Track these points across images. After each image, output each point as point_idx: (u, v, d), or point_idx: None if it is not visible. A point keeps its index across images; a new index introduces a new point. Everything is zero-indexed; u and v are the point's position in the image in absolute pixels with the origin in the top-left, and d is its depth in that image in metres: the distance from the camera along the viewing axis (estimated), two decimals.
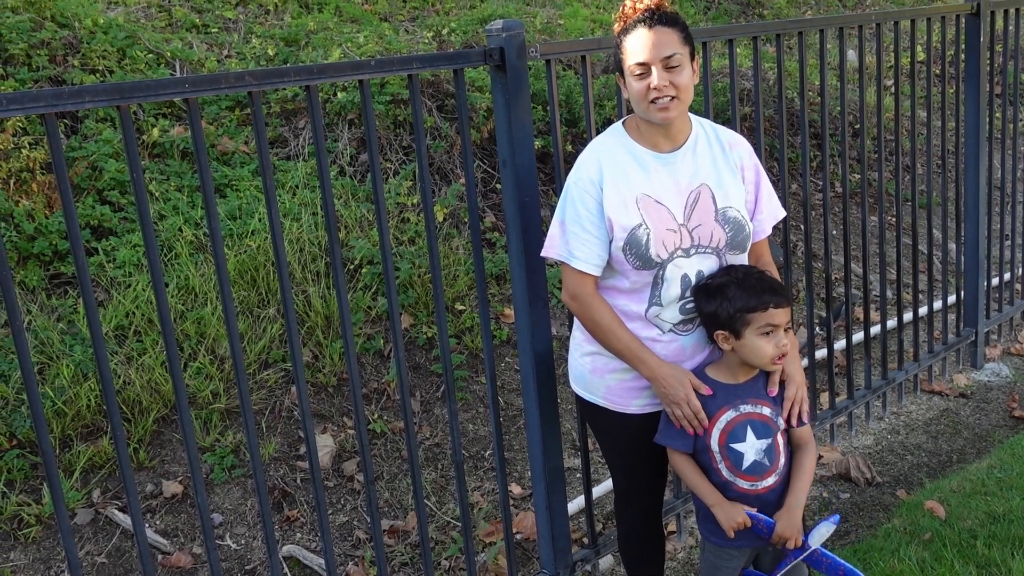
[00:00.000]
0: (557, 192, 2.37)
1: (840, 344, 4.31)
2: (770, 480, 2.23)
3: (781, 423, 2.24)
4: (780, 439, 2.25)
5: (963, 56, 4.26)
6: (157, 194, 4.15)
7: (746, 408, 2.21)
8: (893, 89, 3.84)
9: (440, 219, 4.46)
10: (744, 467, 2.22)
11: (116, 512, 3.06)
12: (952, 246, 5.37)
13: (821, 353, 4.21)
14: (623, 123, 2.29)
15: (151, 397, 3.34)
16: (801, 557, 2.25)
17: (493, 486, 3.44)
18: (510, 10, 6.76)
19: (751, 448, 2.21)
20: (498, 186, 4.67)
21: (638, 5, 2.17)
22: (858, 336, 4.43)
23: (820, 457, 3.68)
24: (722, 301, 2.14)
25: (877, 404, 3.99)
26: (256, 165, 4.49)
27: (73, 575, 2.02)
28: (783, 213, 2.38)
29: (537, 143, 4.82)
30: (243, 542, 3.11)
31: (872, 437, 3.88)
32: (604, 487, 3.33)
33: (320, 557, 3.00)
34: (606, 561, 3.01)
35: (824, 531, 2.23)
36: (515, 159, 2.47)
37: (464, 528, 2.62)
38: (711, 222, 2.22)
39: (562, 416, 3.76)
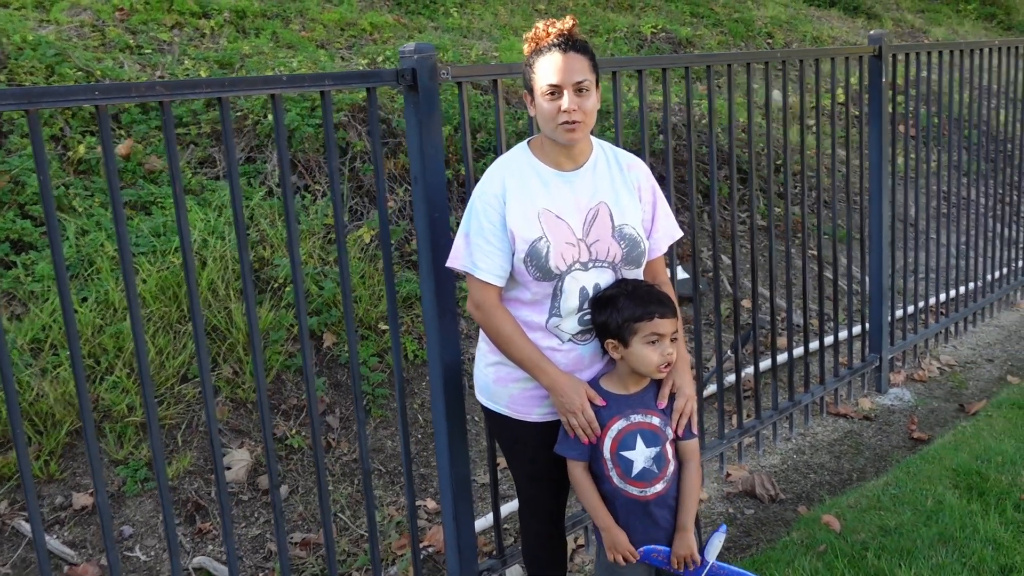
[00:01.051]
0: None
1: (751, 369, 4.47)
2: (658, 487, 2.33)
3: (670, 433, 2.35)
4: (669, 448, 2.35)
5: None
6: (80, 210, 4.15)
7: (636, 417, 2.31)
8: (813, 127, 4.05)
9: (367, 240, 4.53)
10: (633, 474, 2.31)
11: (22, 523, 3.04)
12: (862, 276, 5.61)
13: (732, 378, 4.37)
14: (528, 142, 2.40)
15: (64, 410, 3.33)
16: (702, 575, 2.34)
17: None
18: (445, 41, 6.91)
19: (640, 456, 2.31)
20: None
21: (551, 29, 2.29)
22: (768, 362, 4.60)
23: (728, 475, 3.81)
24: (612, 311, 2.25)
25: (784, 425, 4.14)
26: (183, 184, 4.51)
27: None
28: (679, 233, 2.51)
29: (461, 168, 4.93)
30: (153, 554, 3.10)
31: (779, 456, 4.02)
32: (515, 503, 3.40)
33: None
34: (514, 572, 3.08)
35: (717, 543, 2.33)
36: (426, 176, 2.57)
37: (371, 537, 2.67)
38: (608, 238, 2.34)
39: (479, 435, 3.84)
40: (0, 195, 4.07)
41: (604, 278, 2.35)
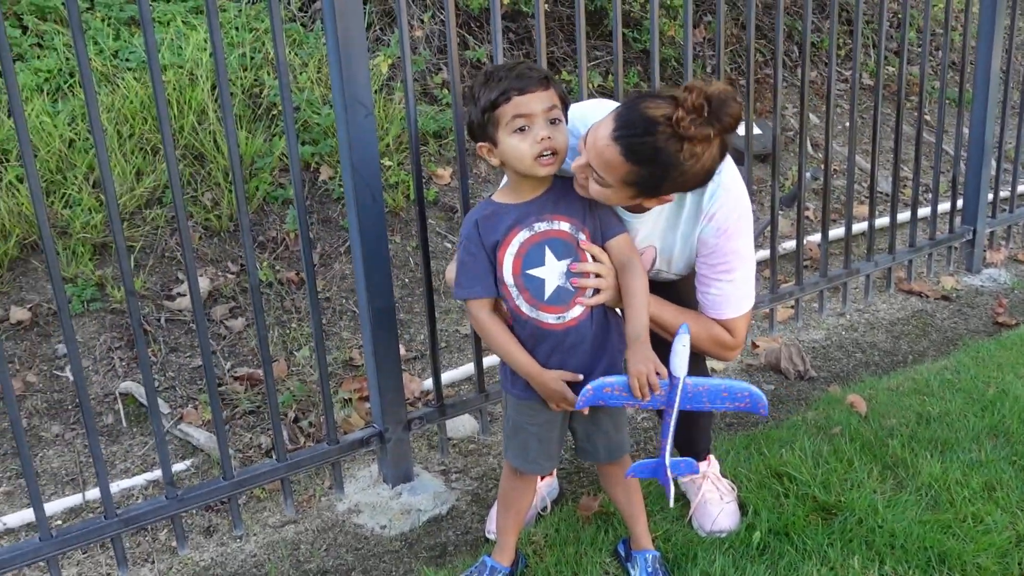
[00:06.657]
0: None
1: (816, 237, 3.83)
2: (577, 311, 1.85)
3: (583, 237, 1.84)
4: (589, 260, 1.85)
5: None
6: None
7: (541, 226, 1.83)
8: None
9: (383, 71, 4.09)
10: (547, 297, 1.84)
11: None
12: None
13: (789, 244, 3.74)
14: None
15: (15, 220, 3.13)
16: (676, 401, 1.82)
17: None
18: None
19: (552, 272, 1.83)
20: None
21: None
22: (839, 231, 3.92)
23: (755, 347, 3.26)
24: (472, 107, 1.76)
25: (837, 298, 3.52)
26: (195, 3, 4.19)
27: None
28: None
29: None
30: (84, 375, 2.89)
31: (823, 332, 3.43)
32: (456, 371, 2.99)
33: (156, 395, 2.77)
34: (464, 422, 2.70)
35: (681, 351, 1.76)
36: None
37: (266, 371, 2.33)
38: None
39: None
40: None
41: None
